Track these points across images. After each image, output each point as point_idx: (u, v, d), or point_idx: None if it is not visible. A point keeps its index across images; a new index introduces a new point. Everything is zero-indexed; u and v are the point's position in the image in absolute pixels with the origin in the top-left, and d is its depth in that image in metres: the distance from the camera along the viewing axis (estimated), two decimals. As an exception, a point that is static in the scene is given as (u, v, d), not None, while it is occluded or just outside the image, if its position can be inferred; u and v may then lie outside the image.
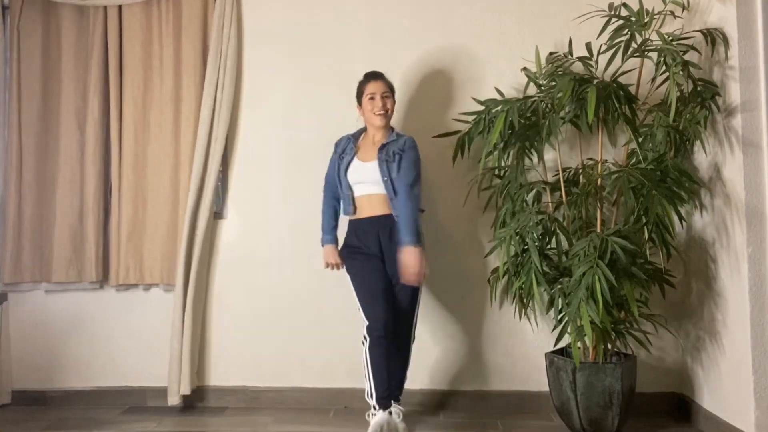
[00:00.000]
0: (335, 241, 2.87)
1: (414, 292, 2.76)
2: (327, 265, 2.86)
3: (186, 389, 3.08)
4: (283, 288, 3.23)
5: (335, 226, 2.88)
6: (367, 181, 2.75)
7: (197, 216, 3.15)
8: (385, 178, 2.70)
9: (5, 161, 3.26)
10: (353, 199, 2.79)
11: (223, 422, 3.01)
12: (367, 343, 2.64)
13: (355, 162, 2.78)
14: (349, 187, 2.79)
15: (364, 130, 2.88)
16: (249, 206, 3.27)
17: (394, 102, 2.84)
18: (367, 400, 2.66)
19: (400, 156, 2.72)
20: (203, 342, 3.24)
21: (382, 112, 2.77)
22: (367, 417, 2.67)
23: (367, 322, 2.65)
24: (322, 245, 2.87)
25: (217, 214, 3.26)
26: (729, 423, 2.61)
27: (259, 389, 3.21)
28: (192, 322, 3.11)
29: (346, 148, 2.83)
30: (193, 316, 3.12)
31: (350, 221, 2.83)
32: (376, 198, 2.75)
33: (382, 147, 2.75)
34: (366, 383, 2.65)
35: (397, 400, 2.76)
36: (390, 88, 2.82)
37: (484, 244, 3.09)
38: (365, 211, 2.77)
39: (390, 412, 2.60)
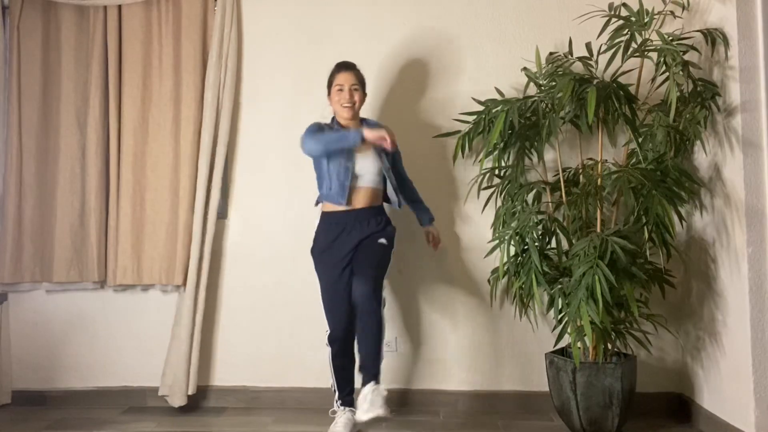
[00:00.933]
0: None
1: (383, 257, 2.74)
2: (383, 138, 2.59)
3: (192, 389, 3.09)
4: (283, 288, 3.23)
5: None
6: (367, 173, 2.76)
7: (207, 217, 3.16)
8: (387, 167, 2.79)
9: (5, 161, 3.26)
10: (350, 190, 2.73)
11: (223, 422, 3.01)
12: (329, 350, 2.80)
13: (355, 155, 2.75)
14: (353, 177, 2.74)
15: (336, 122, 2.84)
16: (249, 206, 3.27)
17: (363, 95, 2.83)
18: (333, 394, 2.83)
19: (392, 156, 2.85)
20: (203, 342, 3.23)
21: (348, 104, 2.76)
22: (330, 414, 2.82)
23: (328, 330, 2.79)
24: (356, 140, 2.61)
25: (218, 215, 3.26)
26: (729, 423, 2.61)
27: (259, 389, 3.22)
28: (202, 322, 3.14)
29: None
30: (204, 316, 3.16)
31: (329, 214, 2.79)
32: (372, 191, 2.78)
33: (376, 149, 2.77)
34: (330, 380, 2.84)
35: (377, 380, 2.60)
36: (360, 81, 2.81)
37: (484, 244, 3.09)
38: (358, 203, 2.75)
39: (353, 411, 2.72)
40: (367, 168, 2.77)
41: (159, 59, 3.25)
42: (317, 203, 2.89)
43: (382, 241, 2.74)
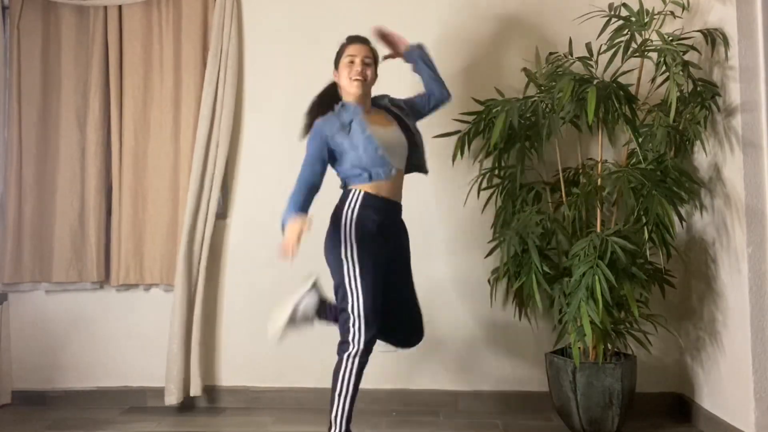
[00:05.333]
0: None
1: (410, 277, 2.65)
2: (287, 250, 2.23)
3: (197, 390, 3.09)
4: (283, 288, 3.21)
5: (308, 205, 2.41)
6: (396, 151, 2.47)
7: (197, 216, 3.15)
8: (413, 131, 2.57)
9: (5, 161, 3.26)
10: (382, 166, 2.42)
11: (223, 422, 3.02)
12: (354, 364, 2.33)
13: (375, 128, 2.46)
14: (377, 149, 2.41)
15: (344, 105, 2.54)
16: (249, 206, 3.27)
17: (375, 73, 2.58)
18: (335, 424, 2.36)
19: (403, 102, 2.67)
20: (204, 342, 3.23)
21: (359, 77, 2.47)
22: None
23: (361, 336, 2.34)
24: (287, 218, 2.31)
25: (218, 215, 3.25)
26: (729, 423, 2.61)
27: (259, 389, 3.22)
28: (201, 321, 3.14)
29: (343, 117, 2.48)
30: (203, 315, 3.16)
31: (367, 195, 2.42)
32: (399, 175, 2.50)
33: (388, 111, 2.60)
34: (337, 404, 2.35)
35: None
36: (374, 56, 2.57)
37: (484, 244, 3.09)
38: (389, 191, 2.45)
39: None
40: (393, 141, 2.50)
41: (159, 59, 3.25)
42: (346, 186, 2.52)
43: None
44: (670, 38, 2.64)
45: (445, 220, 3.17)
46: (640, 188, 2.62)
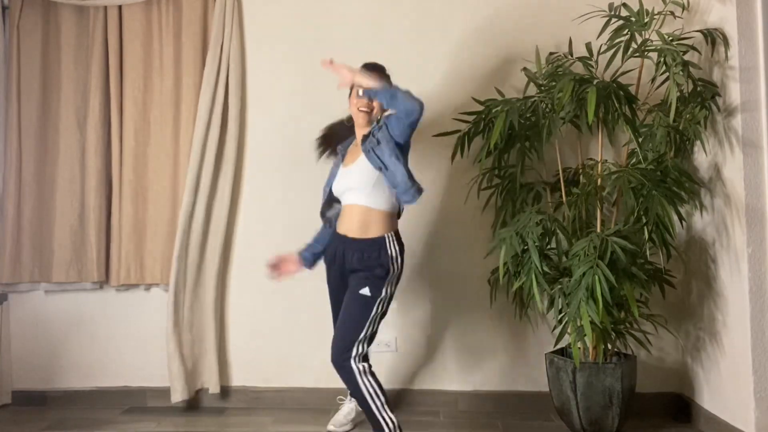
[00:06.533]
0: (308, 257, 2.74)
1: (363, 306, 2.48)
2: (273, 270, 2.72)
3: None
4: (283, 288, 3.22)
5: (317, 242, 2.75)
6: (348, 189, 2.59)
7: (192, 217, 3.15)
8: (378, 166, 2.49)
9: (5, 161, 3.26)
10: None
11: (223, 422, 3.02)
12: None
13: (340, 169, 2.65)
14: (336, 199, 2.66)
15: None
16: (249, 206, 3.27)
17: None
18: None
19: (384, 126, 2.53)
20: (202, 342, 3.23)
21: (364, 109, 2.59)
22: (338, 400, 2.92)
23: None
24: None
25: (218, 214, 3.24)
26: (729, 423, 2.61)
27: (259, 389, 3.22)
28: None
29: (339, 156, 2.72)
30: (203, 315, 3.18)
31: (333, 231, 2.70)
32: (353, 210, 2.57)
33: (365, 138, 2.56)
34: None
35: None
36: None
37: (484, 244, 3.09)
38: (341, 225, 2.61)
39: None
40: (346, 183, 2.60)
41: (159, 59, 3.25)
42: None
43: (364, 291, 2.46)
44: (670, 38, 2.64)
45: (444, 220, 3.17)
46: (640, 188, 2.62)
